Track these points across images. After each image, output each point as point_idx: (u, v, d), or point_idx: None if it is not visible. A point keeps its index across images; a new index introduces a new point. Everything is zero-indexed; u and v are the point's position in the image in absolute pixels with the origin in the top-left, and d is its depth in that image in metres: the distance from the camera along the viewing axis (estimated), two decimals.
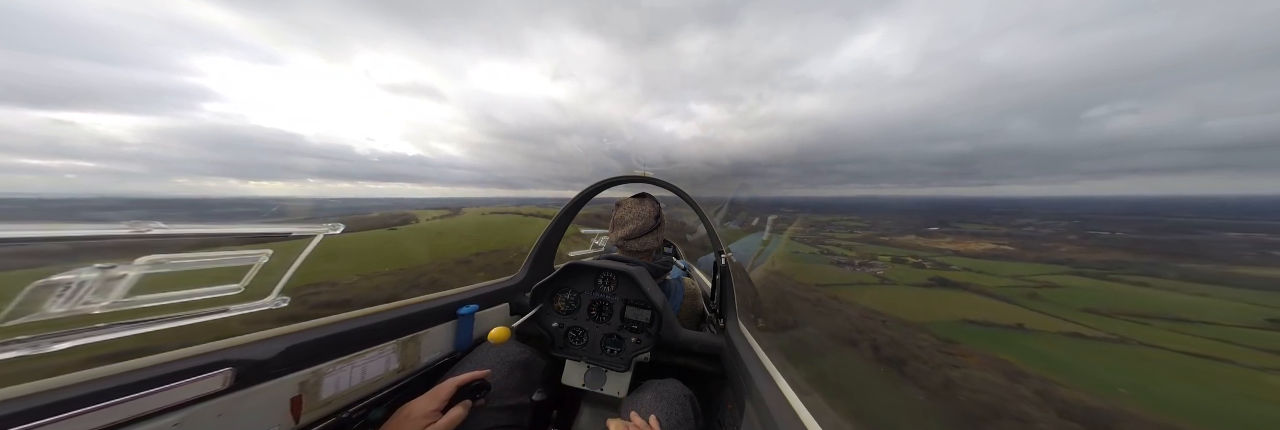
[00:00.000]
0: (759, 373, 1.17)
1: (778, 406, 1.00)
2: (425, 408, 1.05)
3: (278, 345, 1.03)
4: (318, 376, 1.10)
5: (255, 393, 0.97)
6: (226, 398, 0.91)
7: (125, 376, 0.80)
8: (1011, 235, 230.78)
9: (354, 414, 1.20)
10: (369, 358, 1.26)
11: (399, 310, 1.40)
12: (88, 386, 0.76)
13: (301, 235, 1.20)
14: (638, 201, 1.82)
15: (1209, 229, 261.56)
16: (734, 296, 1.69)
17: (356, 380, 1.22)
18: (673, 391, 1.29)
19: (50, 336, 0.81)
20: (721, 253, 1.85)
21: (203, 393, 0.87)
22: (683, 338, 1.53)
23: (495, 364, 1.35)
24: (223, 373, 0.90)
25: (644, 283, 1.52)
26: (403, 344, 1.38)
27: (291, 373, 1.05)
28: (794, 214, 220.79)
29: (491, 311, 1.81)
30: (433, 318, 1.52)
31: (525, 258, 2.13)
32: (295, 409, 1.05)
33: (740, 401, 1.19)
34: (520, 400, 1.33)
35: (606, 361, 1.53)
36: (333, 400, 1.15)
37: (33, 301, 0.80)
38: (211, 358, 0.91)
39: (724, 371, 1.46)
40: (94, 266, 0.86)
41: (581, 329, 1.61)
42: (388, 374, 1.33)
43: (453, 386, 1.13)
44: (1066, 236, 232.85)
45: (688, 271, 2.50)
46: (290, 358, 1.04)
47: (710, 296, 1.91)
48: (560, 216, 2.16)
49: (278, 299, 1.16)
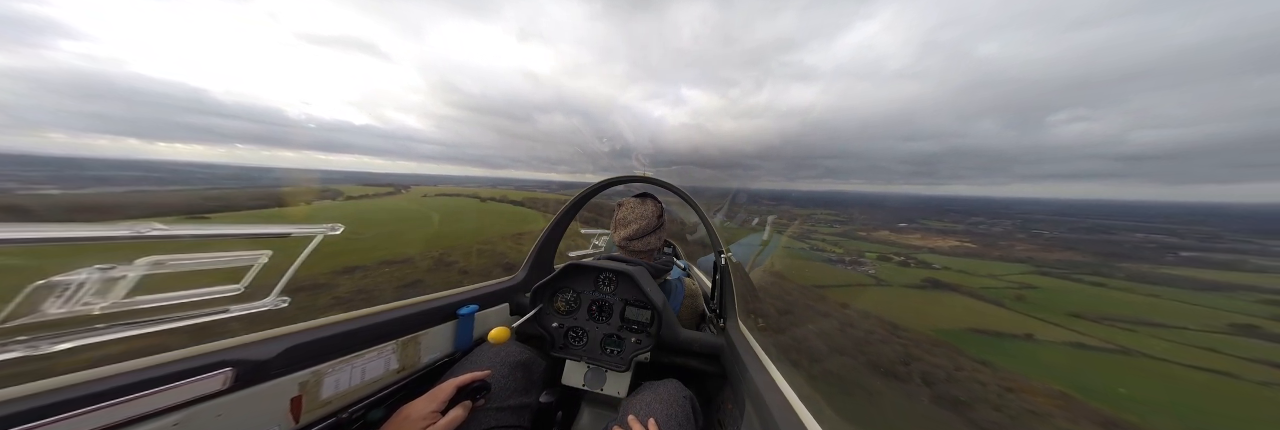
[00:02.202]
0: (759, 373, 1.18)
1: (778, 406, 1.00)
2: (425, 409, 1.04)
3: (278, 345, 1.02)
4: (318, 377, 1.10)
5: (255, 393, 0.96)
6: (226, 398, 0.91)
7: (125, 376, 0.80)
8: (970, 232, 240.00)
9: (354, 414, 1.19)
10: (369, 358, 1.26)
11: (399, 310, 1.40)
12: (88, 387, 0.75)
13: (302, 235, 1.20)
14: (641, 202, 1.82)
15: (1123, 230, 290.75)
16: (734, 296, 1.69)
17: (356, 380, 1.21)
18: (672, 392, 1.28)
19: (50, 337, 0.81)
20: (721, 253, 1.85)
21: (203, 393, 0.87)
22: (683, 338, 1.54)
23: (495, 364, 1.35)
24: (223, 373, 0.90)
25: (644, 283, 1.53)
26: (403, 344, 1.38)
27: (291, 373, 1.04)
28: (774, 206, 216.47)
29: (491, 312, 1.81)
30: (433, 318, 1.52)
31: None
32: (295, 409, 1.05)
33: (740, 401, 1.20)
34: (520, 401, 1.32)
35: (606, 362, 1.54)
36: (333, 400, 1.15)
37: (32, 302, 0.80)
38: (211, 358, 0.91)
39: (724, 371, 1.47)
40: (94, 267, 0.85)
41: (581, 329, 1.61)
42: (388, 374, 1.33)
43: (453, 387, 1.12)
44: (1015, 235, 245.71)
45: (688, 271, 2.48)
46: (290, 358, 1.03)
47: (710, 296, 1.90)
48: (561, 216, 2.15)
49: (277, 299, 1.16)
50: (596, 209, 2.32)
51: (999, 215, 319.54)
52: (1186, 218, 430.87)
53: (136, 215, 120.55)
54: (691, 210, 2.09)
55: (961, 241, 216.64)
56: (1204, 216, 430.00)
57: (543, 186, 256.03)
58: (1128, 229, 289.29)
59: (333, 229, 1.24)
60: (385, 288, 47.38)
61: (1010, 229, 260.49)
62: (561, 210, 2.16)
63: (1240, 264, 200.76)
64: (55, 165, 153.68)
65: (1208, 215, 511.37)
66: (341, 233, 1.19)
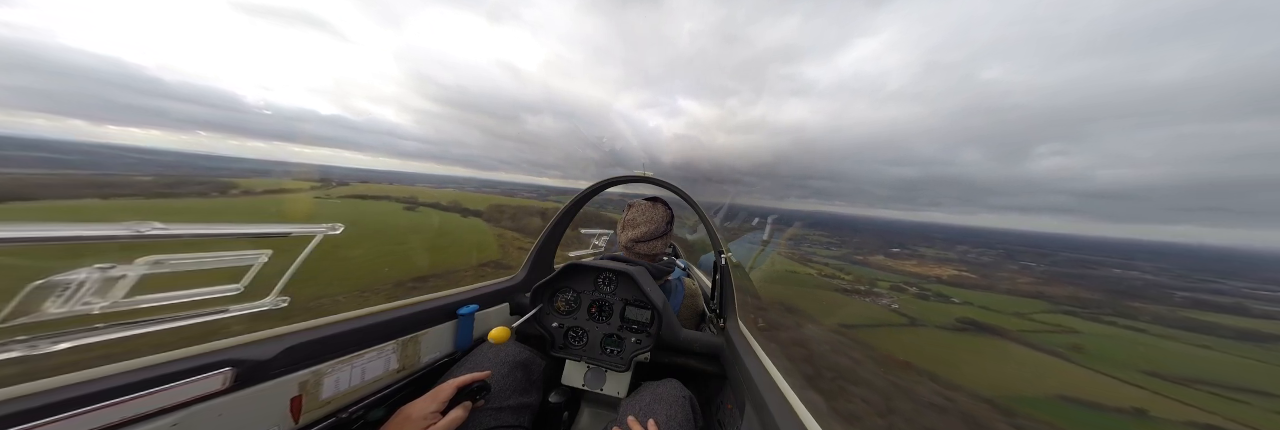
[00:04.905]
0: (759, 373, 1.17)
1: (778, 406, 1.00)
2: (425, 409, 1.04)
3: (278, 345, 1.02)
4: (318, 376, 1.10)
5: (255, 393, 0.96)
6: (226, 398, 0.91)
7: (125, 376, 0.80)
8: (963, 261, 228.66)
9: (354, 414, 1.19)
10: (369, 358, 1.25)
11: (399, 310, 1.40)
12: (87, 386, 0.75)
13: (302, 235, 1.19)
14: (652, 205, 1.82)
15: (1098, 264, 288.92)
16: (734, 297, 1.69)
17: (356, 380, 1.21)
18: (671, 392, 1.28)
19: (50, 337, 0.81)
20: (721, 253, 1.84)
21: (203, 393, 0.86)
22: (683, 338, 1.54)
23: (495, 364, 1.35)
24: (223, 373, 0.89)
25: (644, 283, 1.53)
26: (403, 344, 1.38)
27: (291, 373, 1.04)
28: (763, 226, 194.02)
29: (491, 311, 1.81)
30: (433, 318, 1.52)
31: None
32: (295, 409, 1.05)
33: (740, 401, 1.20)
34: (520, 401, 1.32)
35: (606, 361, 1.54)
36: (333, 400, 1.14)
37: (32, 301, 0.79)
38: (211, 358, 0.91)
39: (724, 371, 1.47)
40: (94, 267, 0.85)
41: (581, 329, 1.62)
42: (388, 374, 1.33)
43: (453, 387, 1.12)
44: (1006, 266, 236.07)
45: (688, 272, 2.48)
46: (290, 358, 1.03)
47: (710, 296, 1.90)
48: (561, 216, 2.15)
49: (277, 299, 1.15)
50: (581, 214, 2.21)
51: (982, 244, 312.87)
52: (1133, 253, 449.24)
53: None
54: (691, 210, 2.07)
55: (959, 270, 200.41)
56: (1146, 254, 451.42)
57: (532, 191, 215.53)
58: (1100, 263, 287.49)
59: (332, 229, 1.22)
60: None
61: (998, 259, 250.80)
62: (561, 210, 2.15)
63: (1245, 308, 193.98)
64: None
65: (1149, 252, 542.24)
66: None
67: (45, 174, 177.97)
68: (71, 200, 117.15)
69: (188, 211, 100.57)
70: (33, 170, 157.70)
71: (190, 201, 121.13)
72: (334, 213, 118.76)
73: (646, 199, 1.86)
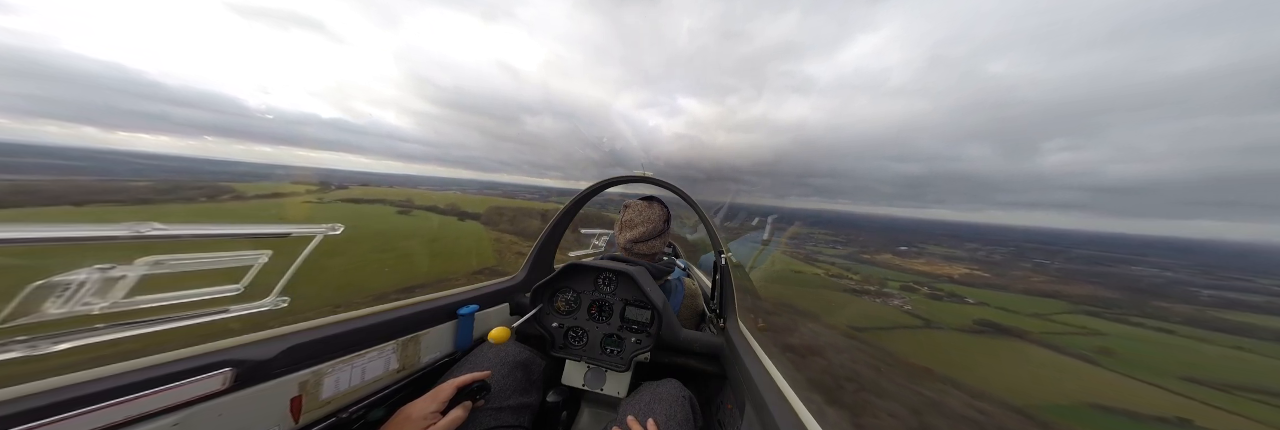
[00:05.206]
0: (759, 373, 1.18)
1: (778, 406, 1.00)
2: (425, 409, 1.05)
3: (278, 345, 1.02)
4: (318, 377, 1.10)
5: (255, 393, 0.97)
6: (226, 398, 0.91)
7: (125, 376, 0.80)
8: (973, 259, 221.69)
9: (354, 414, 1.19)
10: (369, 358, 1.26)
11: (399, 310, 1.40)
12: (87, 387, 0.75)
13: (302, 235, 1.20)
14: (648, 205, 1.82)
15: (1113, 262, 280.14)
16: (734, 296, 1.70)
17: (356, 380, 1.22)
18: (671, 392, 1.29)
19: (50, 337, 0.81)
20: (721, 253, 1.85)
21: (203, 393, 0.87)
22: (683, 338, 1.55)
23: (495, 364, 1.35)
24: (223, 373, 0.90)
25: (644, 283, 1.53)
26: (403, 344, 1.38)
27: (291, 373, 1.04)
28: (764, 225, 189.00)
29: (491, 312, 1.81)
30: (433, 318, 1.52)
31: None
32: (295, 409, 1.05)
33: (740, 401, 1.20)
34: (520, 401, 1.33)
35: (606, 361, 1.55)
36: (333, 400, 1.15)
37: (32, 302, 0.79)
38: (211, 358, 0.91)
39: (724, 371, 1.47)
40: (94, 267, 0.85)
41: (581, 329, 1.62)
42: (388, 374, 1.33)
43: (453, 387, 1.13)
44: (1019, 264, 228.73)
45: (688, 271, 2.50)
46: (290, 358, 1.04)
47: (710, 296, 1.91)
48: (561, 216, 2.16)
49: (277, 299, 1.16)
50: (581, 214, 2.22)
51: (992, 242, 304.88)
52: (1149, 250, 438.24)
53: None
54: (691, 210, 2.08)
55: (971, 269, 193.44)
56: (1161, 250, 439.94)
57: (533, 193, 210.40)
58: (1116, 261, 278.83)
59: (332, 229, 1.22)
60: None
61: (1010, 257, 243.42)
62: (562, 210, 2.16)
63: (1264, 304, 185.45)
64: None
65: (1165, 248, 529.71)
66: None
67: (52, 180, 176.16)
68: (55, 206, 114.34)
69: (171, 216, 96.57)
70: (36, 176, 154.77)
71: (173, 207, 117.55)
72: (324, 217, 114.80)
73: (642, 199, 1.85)
